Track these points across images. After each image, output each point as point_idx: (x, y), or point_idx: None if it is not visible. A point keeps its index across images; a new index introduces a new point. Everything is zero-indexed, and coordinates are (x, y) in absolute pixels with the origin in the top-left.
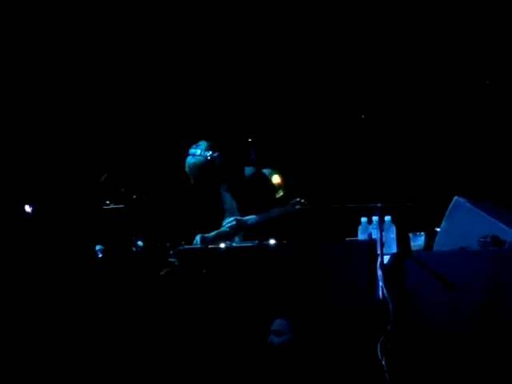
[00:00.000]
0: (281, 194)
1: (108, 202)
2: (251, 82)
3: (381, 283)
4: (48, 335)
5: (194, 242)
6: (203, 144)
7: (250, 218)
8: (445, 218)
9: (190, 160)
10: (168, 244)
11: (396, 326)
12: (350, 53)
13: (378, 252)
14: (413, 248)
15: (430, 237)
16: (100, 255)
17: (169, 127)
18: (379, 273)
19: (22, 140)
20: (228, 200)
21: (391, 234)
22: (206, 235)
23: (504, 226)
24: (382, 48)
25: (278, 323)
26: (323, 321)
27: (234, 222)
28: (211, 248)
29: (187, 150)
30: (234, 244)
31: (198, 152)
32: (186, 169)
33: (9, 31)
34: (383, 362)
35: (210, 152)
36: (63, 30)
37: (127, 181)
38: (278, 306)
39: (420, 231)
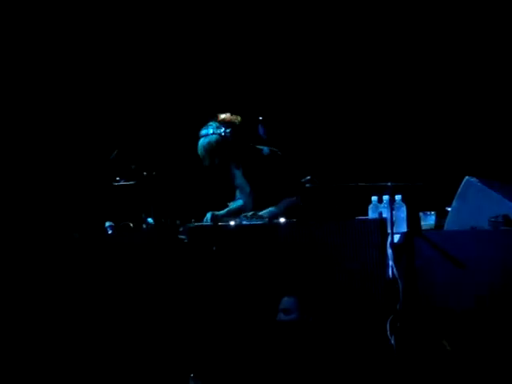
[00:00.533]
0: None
1: (118, 179)
2: (262, 61)
3: (391, 262)
4: (58, 311)
5: (205, 219)
6: (213, 123)
7: (265, 212)
8: (456, 197)
9: (203, 141)
10: (178, 221)
11: (405, 304)
12: (361, 36)
13: (389, 231)
14: (423, 227)
15: (441, 216)
16: (110, 232)
17: (179, 104)
18: (389, 252)
19: (34, 115)
20: (239, 177)
21: (402, 213)
22: (217, 213)
23: None
24: (396, 33)
25: (286, 301)
26: (332, 299)
27: (250, 214)
28: (221, 225)
29: (196, 131)
30: (243, 222)
31: (211, 131)
32: (200, 151)
33: (10, 31)
34: (392, 341)
35: (223, 128)
36: (71, 29)
37: (137, 157)
38: (287, 284)
39: (430, 210)
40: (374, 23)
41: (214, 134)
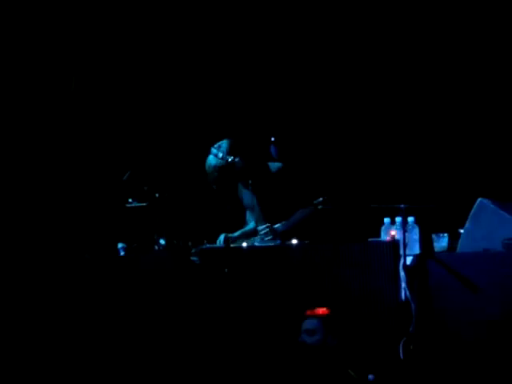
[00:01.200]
0: None
1: (131, 200)
2: (275, 80)
3: (403, 284)
4: (69, 331)
5: (218, 241)
6: (225, 145)
7: (280, 225)
8: (468, 219)
9: (211, 161)
10: (190, 243)
11: (418, 327)
12: (372, 54)
13: (401, 253)
14: (436, 249)
15: (454, 238)
16: (122, 253)
17: (192, 126)
18: (402, 274)
19: (46, 134)
20: (247, 197)
21: (414, 235)
22: (230, 235)
23: None
24: (403, 43)
25: (309, 322)
26: (344, 321)
27: (268, 230)
28: (233, 247)
29: (209, 149)
30: (256, 243)
31: (220, 155)
32: (206, 168)
33: (13, 31)
34: (405, 364)
35: (232, 157)
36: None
37: (150, 179)
38: (299, 305)
39: (443, 232)
40: (389, 39)
41: (222, 158)
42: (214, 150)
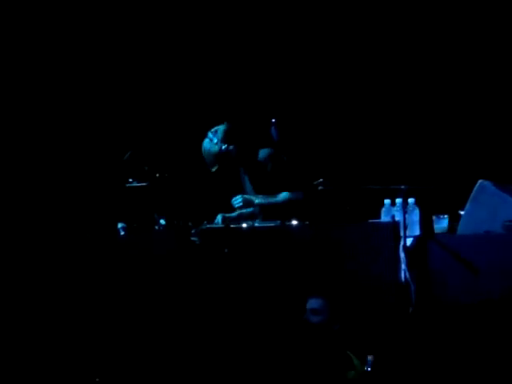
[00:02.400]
0: None
1: (131, 180)
2: (275, 61)
3: (403, 266)
4: (70, 311)
5: (216, 221)
6: (221, 132)
7: (258, 197)
8: (469, 201)
9: (205, 145)
10: (190, 223)
11: (418, 308)
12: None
13: (401, 234)
14: (436, 231)
15: (454, 220)
16: (122, 233)
17: (192, 106)
18: (402, 255)
19: (47, 114)
20: (246, 182)
21: (414, 217)
22: (228, 215)
23: None
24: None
25: (314, 302)
26: (344, 301)
27: (240, 200)
28: (233, 228)
29: (206, 132)
30: (256, 224)
31: (215, 141)
32: (202, 150)
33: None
34: (404, 344)
35: (226, 145)
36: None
37: (150, 159)
38: (299, 285)
39: (444, 214)
40: (390, 28)
41: (216, 144)
42: (210, 135)
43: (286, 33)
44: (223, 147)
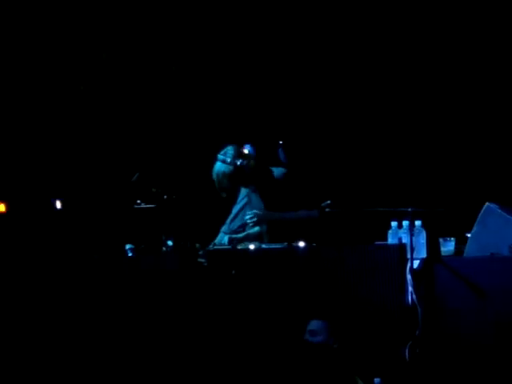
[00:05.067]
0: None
1: (139, 202)
2: (284, 84)
3: (410, 288)
4: (77, 331)
5: (221, 240)
6: (231, 150)
7: (271, 213)
8: (476, 223)
9: (219, 167)
10: (198, 244)
11: (425, 331)
12: (377, 62)
13: (408, 257)
14: (443, 253)
15: (461, 242)
16: (130, 254)
17: (199, 129)
18: (409, 277)
19: (56, 135)
20: (254, 201)
21: (421, 239)
22: (234, 236)
23: None
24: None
25: (314, 324)
26: (351, 323)
27: (253, 215)
28: (240, 249)
29: (216, 155)
30: (263, 245)
31: (228, 160)
32: (214, 175)
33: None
34: (411, 367)
35: (240, 160)
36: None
37: (158, 181)
38: (306, 307)
39: (450, 237)
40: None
41: (230, 163)
42: (221, 157)
43: (291, 53)
44: (238, 163)
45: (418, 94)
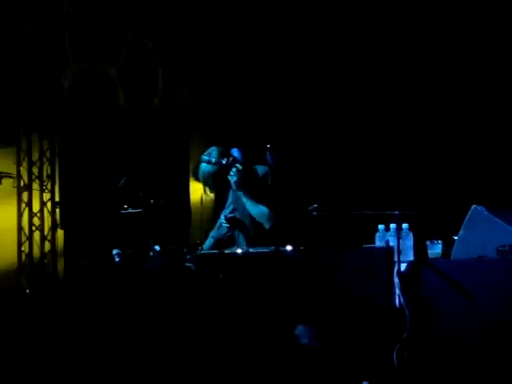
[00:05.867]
0: None
1: (126, 206)
2: (272, 87)
3: (397, 291)
4: (65, 337)
5: (208, 244)
6: (215, 150)
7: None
8: (463, 226)
9: (204, 168)
10: (185, 249)
11: (412, 333)
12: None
13: (395, 259)
14: (430, 256)
15: (448, 245)
16: (117, 259)
17: (186, 133)
18: (396, 280)
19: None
20: (234, 199)
21: (408, 242)
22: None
23: None
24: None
25: (300, 328)
26: (339, 327)
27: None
28: (228, 253)
29: (199, 157)
30: (250, 249)
31: (213, 160)
32: (200, 176)
33: None
34: (398, 370)
35: (225, 159)
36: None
37: (145, 185)
38: (294, 311)
39: (437, 239)
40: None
41: (215, 163)
42: (205, 158)
43: (280, 56)
44: (223, 162)
45: (404, 98)
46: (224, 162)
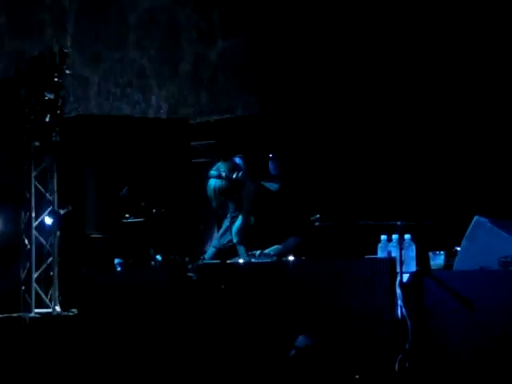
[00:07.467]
0: None
1: (128, 216)
2: (273, 95)
3: (400, 302)
4: (67, 346)
5: (210, 253)
6: (223, 165)
7: (272, 249)
8: (465, 237)
9: (215, 183)
10: (187, 258)
11: (414, 344)
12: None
13: (398, 270)
14: (432, 267)
15: (450, 256)
16: (119, 268)
17: (188, 142)
18: (398, 291)
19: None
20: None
21: (411, 253)
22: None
23: None
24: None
25: (300, 340)
26: (340, 337)
27: (258, 252)
28: (230, 263)
29: (206, 170)
30: (252, 259)
31: (223, 175)
32: (210, 192)
33: None
34: (401, 381)
35: (236, 172)
36: None
37: (147, 194)
38: (296, 321)
39: (440, 250)
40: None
41: (226, 177)
42: (214, 173)
43: (278, 62)
44: (234, 176)
45: (405, 107)
46: (234, 176)
